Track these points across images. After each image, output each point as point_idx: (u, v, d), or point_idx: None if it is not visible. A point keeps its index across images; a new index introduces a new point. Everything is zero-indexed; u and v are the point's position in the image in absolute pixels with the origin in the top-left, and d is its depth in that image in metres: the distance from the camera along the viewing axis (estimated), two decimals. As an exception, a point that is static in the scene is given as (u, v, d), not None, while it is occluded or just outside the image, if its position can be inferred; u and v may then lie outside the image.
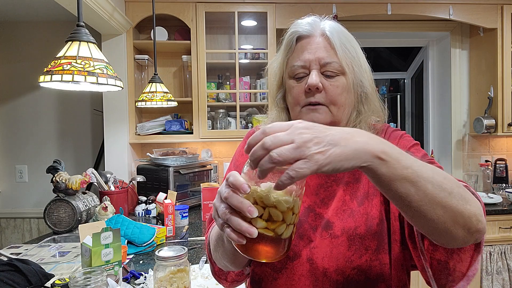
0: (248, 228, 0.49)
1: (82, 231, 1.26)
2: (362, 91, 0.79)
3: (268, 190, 0.51)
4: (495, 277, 2.31)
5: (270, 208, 0.51)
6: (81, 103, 2.80)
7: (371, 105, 0.80)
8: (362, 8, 2.45)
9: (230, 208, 0.51)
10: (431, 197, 0.51)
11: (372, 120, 0.82)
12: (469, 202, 0.55)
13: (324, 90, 0.75)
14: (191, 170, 2.41)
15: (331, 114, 0.76)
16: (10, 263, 1.19)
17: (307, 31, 0.77)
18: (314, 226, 0.76)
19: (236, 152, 0.93)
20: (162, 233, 1.73)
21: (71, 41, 1.09)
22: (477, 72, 2.79)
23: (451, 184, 0.53)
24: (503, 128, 2.55)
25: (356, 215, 0.74)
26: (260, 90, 2.56)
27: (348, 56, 0.75)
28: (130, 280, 1.29)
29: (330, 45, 0.75)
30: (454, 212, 0.53)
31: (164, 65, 2.67)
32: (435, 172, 0.53)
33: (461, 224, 0.54)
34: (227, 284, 0.83)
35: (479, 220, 0.56)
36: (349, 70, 0.75)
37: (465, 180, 2.74)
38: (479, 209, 0.56)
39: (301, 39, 0.78)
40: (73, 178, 1.88)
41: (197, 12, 2.38)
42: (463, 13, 2.52)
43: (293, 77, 0.78)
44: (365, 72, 0.78)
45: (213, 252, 0.77)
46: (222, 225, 0.52)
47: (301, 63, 0.76)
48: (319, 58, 0.74)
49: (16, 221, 2.78)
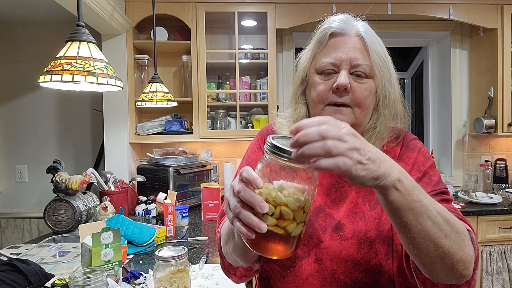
0: (258, 223, 0.50)
1: (82, 231, 1.26)
2: (388, 95, 0.78)
3: (280, 187, 0.51)
4: (495, 277, 2.31)
5: (281, 206, 0.51)
6: (81, 103, 2.80)
7: (392, 109, 0.79)
8: (362, 8, 2.45)
9: (242, 203, 0.52)
10: (428, 233, 0.55)
11: (392, 124, 0.81)
12: (462, 248, 0.58)
13: (352, 92, 0.74)
14: (191, 170, 2.41)
15: (354, 116, 0.75)
16: (10, 263, 1.19)
17: (342, 29, 0.76)
18: (324, 226, 0.76)
19: (248, 150, 0.92)
20: (162, 233, 1.73)
21: (71, 41, 1.09)
22: (477, 72, 2.79)
23: (450, 227, 0.57)
24: (503, 128, 2.55)
25: (367, 219, 0.74)
26: (260, 90, 2.55)
27: (379, 60, 0.75)
28: (130, 280, 1.29)
29: (364, 47, 0.75)
30: (444, 253, 0.57)
31: (164, 65, 2.67)
32: (440, 212, 0.57)
33: (447, 264, 0.58)
34: (236, 279, 0.84)
35: (466, 267, 0.59)
36: (379, 74, 0.75)
37: (465, 180, 2.74)
38: (471, 257, 0.60)
39: (334, 36, 0.76)
40: (73, 178, 1.88)
41: (197, 12, 2.38)
42: (463, 13, 2.52)
43: (321, 73, 0.77)
44: (393, 78, 0.78)
45: (223, 246, 0.77)
46: (232, 218, 0.53)
47: (332, 60, 0.75)
48: (351, 58, 0.74)
49: (16, 221, 2.78)
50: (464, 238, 0.59)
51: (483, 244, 2.34)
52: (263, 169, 0.53)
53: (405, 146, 0.80)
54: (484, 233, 2.33)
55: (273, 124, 0.90)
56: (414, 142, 0.82)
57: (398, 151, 0.80)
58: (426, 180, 0.74)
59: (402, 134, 0.83)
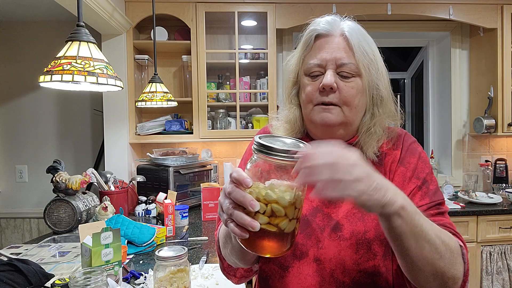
0: (251, 222, 0.50)
1: (82, 231, 1.26)
2: (378, 94, 0.78)
3: (270, 186, 0.52)
4: (495, 277, 2.31)
5: (272, 203, 0.51)
6: (81, 103, 2.80)
7: (386, 108, 0.80)
8: (362, 8, 2.45)
9: (234, 203, 0.52)
10: (426, 255, 0.59)
11: (386, 123, 0.82)
12: (454, 266, 0.63)
13: (338, 91, 0.75)
14: (191, 170, 2.41)
15: (343, 114, 0.76)
16: (10, 263, 1.19)
17: (326, 30, 0.77)
18: (322, 226, 0.76)
19: (246, 151, 0.93)
20: (162, 233, 1.73)
21: (71, 41, 1.09)
22: (477, 72, 2.79)
23: (445, 248, 0.62)
24: (503, 128, 2.55)
25: (366, 220, 0.75)
26: (260, 90, 2.56)
27: (365, 58, 0.75)
28: (130, 280, 1.29)
29: (348, 46, 0.75)
30: (438, 272, 0.61)
31: (164, 65, 2.67)
32: (438, 234, 0.61)
33: (439, 281, 0.62)
34: (236, 280, 0.84)
35: (456, 282, 0.64)
36: (365, 72, 0.75)
37: (465, 180, 2.74)
38: (460, 274, 0.64)
39: (319, 38, 0.77)
40: (73, 178, 1.88)
41: (197, 12, 2.38)
42: (463, 13, 2.52)
43: (308, 75, 0.78)
44: (381, 76, 0.78)
45: (222, 249, 0.77)
46: (226, 220, 0.53)
47: (318, 61, 0.76)
48: (336, 58, 0.74)
49: (16, 221, 2.78)
50: (457, 257, 0.64)
51: (483, 244, 2.34)
52: (252, 169, 0.53)
53: (406, 149, 0.80)
54: (484, 233, 2.33)
55: (270, 126, 0.91)
56: (414, 146, 0.81)
57: (398, 155, 0.79)
58: (425, 189, 0.75)
59: (402, 136, 0.83)
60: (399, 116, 0.83)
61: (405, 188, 0.74)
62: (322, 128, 0.78)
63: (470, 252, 2.33)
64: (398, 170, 0.77)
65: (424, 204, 0.72)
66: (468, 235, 2.32)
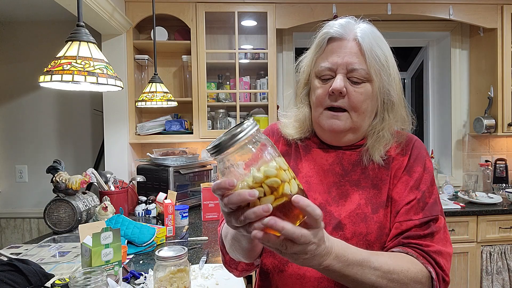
0: (262, 208, 0.49)
1: (82, 231, 1.26)
2: (389, 99, 0.79)
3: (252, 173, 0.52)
4: (495, 277, 2.31)
5: (265, 182, 0.51)
6: (81, 103, 2.80)
7: (397, 113, 0.80)
8: (362, 8, 2.45)
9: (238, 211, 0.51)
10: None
11: (396, 128, 0.82)
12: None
13: (348, 96, 0.75)
14: (191, 170, 2.41)
15: (351, 120, 0.77)
16: (10, 263, 1.19)
17: (339, 34, 0.77)
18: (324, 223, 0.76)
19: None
20: (162, 233, 1.73)
21: (71, 41, 1.09)
22: (477, 72, 2.79)
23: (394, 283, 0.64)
24: (503, 128, 2.55)
25: (369, 222, 0.75)
26: (260, 90, 2.55)
27: (377, 64, 0.75)
28: (130, 280, 1.29)
29: (360, 51, 0.75)
30: None
31: (164, 65, 2.67)
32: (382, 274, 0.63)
33: None
34: (237, 273, 0.85)
35: None
36: (376, 78, 0.76)
37: (465, 180, 2.75)
38: None
39: (332, 41, 0.78)
40: (73, 178, 1.88)
41: (197, 12, 2.38)
42: (463, 13, 2.52)
43: (319, 78, 0.79)
44: (393, 81, 0.78)
45: (228, 248, 0.77)
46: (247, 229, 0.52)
47: (329, 65, 0.76)
48: (347, 63, 0.75)
49: (16, 221, 2.78)
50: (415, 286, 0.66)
51: (483, 244, 2.34)
52: (226, 172, 0.53)
53: (414, 158, 0.80)
54: (484, 233, 2.33)
55: (279, 123, 0.91)
56: (422, 154, 0.81)
57: (405, 162, 0.79)
58: (422, 204, 0.75)
59: (412, 141, 0.82)
60: (410, 121, 0.83)
61: (404, 197, 0.75)
62: (330, 133, 0.80)
63: (470, 252, 2.33)
64: (403, 178, 0.78)
65: (417, 218, 0.73)
66: (468, 235, 2.32)
